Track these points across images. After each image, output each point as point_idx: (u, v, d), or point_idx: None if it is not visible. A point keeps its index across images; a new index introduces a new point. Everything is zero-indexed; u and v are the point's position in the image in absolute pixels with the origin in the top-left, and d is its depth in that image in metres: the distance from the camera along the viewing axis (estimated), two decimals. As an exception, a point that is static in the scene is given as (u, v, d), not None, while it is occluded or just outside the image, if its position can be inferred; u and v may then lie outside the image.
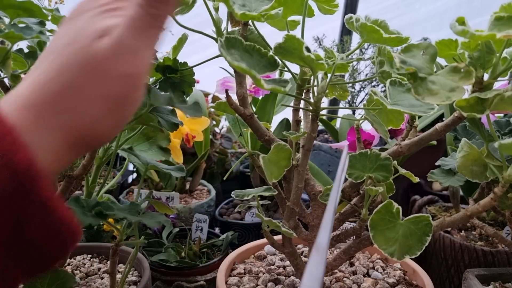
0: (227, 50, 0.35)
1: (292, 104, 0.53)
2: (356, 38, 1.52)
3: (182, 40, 0.56)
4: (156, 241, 0.90)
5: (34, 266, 0.22)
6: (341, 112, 1.72)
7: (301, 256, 0.64)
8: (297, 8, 0.48)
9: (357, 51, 1.16)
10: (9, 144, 0.21)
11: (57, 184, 0.58)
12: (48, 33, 0.46)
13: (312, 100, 0.44)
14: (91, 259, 0.75)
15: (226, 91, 0.47)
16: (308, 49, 0.37)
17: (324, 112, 0.44)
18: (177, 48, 0.57)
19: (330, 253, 0.73)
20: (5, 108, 0.23)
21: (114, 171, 1.20)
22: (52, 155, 0.24)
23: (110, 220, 0.71)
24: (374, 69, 0.72)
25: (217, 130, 1.46)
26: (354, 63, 1.25)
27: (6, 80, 0.50)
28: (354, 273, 0.65)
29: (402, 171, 0.49)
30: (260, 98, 1.01)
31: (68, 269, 0.71)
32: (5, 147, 0.21)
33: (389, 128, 0.51)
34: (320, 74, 0.45)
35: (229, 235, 0.91)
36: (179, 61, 0.54)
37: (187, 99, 0.53)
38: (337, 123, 1.33)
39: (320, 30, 1.39)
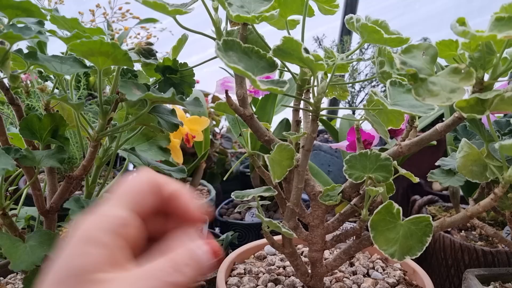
0: (224, 52, 0.35)
1: (292, 104, 0.53)
2: (356, 38, 1.52)
3: (182, 41, 0.56)
4: (156, 241, 0.90)
5: None
6: (341, 112, 1.72)
7: (301, 256, 0.64)
8: (297, 8, 0.48)
9: (357, 51, 1.16)
10: None
11: (58, 184, 0.58)
12: (47, 33, 0.46)
13: (312, 100, 0.44)
14: (91, 260, 0.75)
15: (226, 91, 0.47)
16: (306, 50, 0.37)
17: (324, 112, 0.44)
18: (177, 48, 0.57)
19: (330, 253, 0.73)
20: None
21: (114, 171, 1.20)
22: None
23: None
24: (374, 69, 0.72)
25: (217, 130, 1.46)
26: (354, 63, 1.25)
27: (5, 81, 0.50)
28: (354, 273, 0.65)
29: (402, 171, 0.49)
30: (260, 98, 1.01)
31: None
32: None
33: (389, 128, 0.51)
34: (320, 74, 0.45)
35: (229, 235, 0.91)
36: (179, 62, 0.54)
37: (187, 99, 0.53)
38: (337, 123, 1.33)
39: (320, 30, 1.39)
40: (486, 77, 0.40)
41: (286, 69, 0.47)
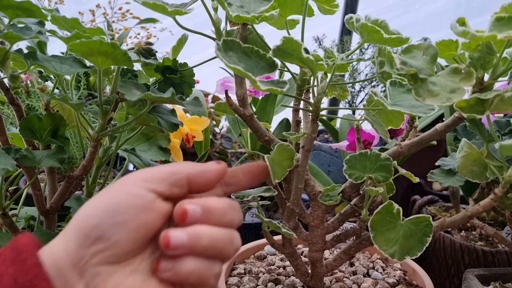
0: (224, 53, 0.35)
1: (292, 104, 0.53)
2: (356, 38, 1.52)
3: (182, 41, 0.56)
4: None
5: None
6: (341, 112, 1.72)
7: (301, 256, 0.64)
8: (297, 8, 0.48)
9: (357, 51, 1.16)
10: (31, 279, 0.27)
11: (58, 184, 0.58)
12: (47, 33, 0.46)
13: (312, 100, 0.44)
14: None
15: (226, 91, 0.47)
16: (306, 51, 0.37)
17: (324, 112, 0.44)
18: (177, 48, 0.57)
19: (330, 253, 0.73)
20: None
21: (114, 171, 1.20)
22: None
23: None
24: (374, 69, 0.72)
25: (217, 130, 1.46)
26: (354, 63, 1.25)
27: (5, 81, 0.50)
28: (354, 273, 0.65)
29: (402, 171, 0.49)
30: (260, 98, 1.01)
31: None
32: (28, 280, 0.26)
33: (389, 128, 0.51)
34: (320, 74, 0.45)
35: (229, 235, 0.91)
36: (179, 62, 0.54)
37: (187, 99, 0.53)
38: (337, 123, 1.33)
39: (320, 30, 1.39)
40: (486, 77, 0.40)
41: (286, 69, 0.47)
